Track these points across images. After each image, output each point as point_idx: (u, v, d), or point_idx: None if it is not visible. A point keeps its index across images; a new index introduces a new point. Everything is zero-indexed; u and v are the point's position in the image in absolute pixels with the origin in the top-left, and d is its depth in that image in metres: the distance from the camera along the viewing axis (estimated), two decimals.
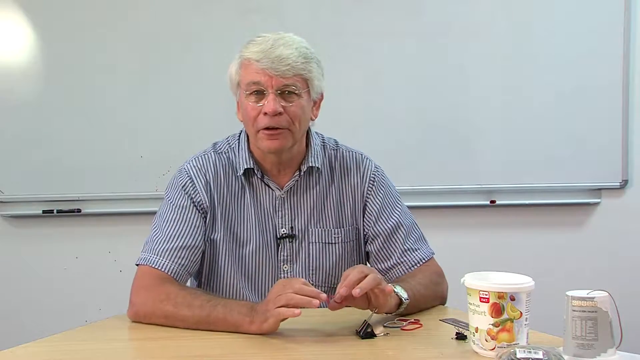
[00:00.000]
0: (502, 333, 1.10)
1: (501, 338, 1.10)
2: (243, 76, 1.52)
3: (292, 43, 1.51)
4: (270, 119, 1.49)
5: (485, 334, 1.11)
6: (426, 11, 2.81)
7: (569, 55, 2.82)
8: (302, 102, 1.52)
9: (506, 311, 1.10)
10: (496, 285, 1.12)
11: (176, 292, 1.42)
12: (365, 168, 1.65)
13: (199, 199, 1.57)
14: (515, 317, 1.10)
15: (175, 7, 2.76)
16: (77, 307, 2.71)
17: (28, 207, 2.79)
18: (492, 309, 1.11)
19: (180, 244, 1.52)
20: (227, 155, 1.62)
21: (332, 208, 1.62)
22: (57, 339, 1.32)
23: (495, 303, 1.11)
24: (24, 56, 2.78)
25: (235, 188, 1.60)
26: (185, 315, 1.37)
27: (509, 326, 1.10)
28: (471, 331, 1.15)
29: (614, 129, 2.83)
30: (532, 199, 2.87)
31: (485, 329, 1.11)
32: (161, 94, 2.75)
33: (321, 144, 1.67)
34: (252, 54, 1.49)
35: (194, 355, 1.21)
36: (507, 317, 1.10)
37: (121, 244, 2.76)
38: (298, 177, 1.60)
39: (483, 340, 1.12)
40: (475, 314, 1.13)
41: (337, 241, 1.61)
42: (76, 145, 2.76)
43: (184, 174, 1.60)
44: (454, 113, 2.82)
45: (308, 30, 2.76)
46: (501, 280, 1.16)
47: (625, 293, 1.22)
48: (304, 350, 1.17)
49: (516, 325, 1.10)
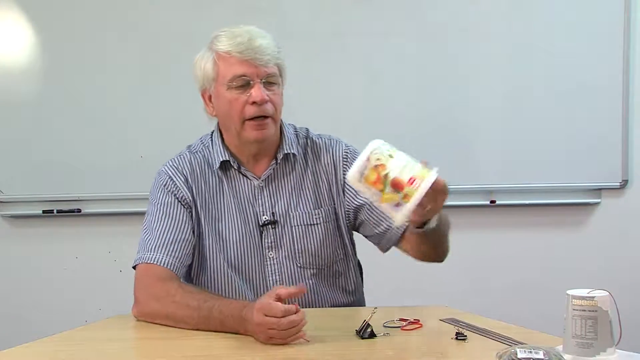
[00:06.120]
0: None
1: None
2: (223, 70, 1.54)
3: (264, 34, 1.55)
4: (258, 107, 1.52)
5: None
6: (426, 11, 2.81)
7: (569, 55, 2.82)
8: (280, 90, 1.58)
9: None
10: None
11: (175, 290, 1.44)
12: (335, 149, 1.68)
13: (182, 194, 1.60)
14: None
15: (175, 7, 2.76)
16: (77, 307, 2.71)
17: (28, 207, 2.80)
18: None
19: (171, 238, 1.54)
20: (203, 154, 1.66)
21: (309, 190, 1.65)
22: (57, 339, 1.33)
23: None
24: (24, 56, 2.78)
25: (213, 183, 1.63)
26: (184, 316, 1.38)
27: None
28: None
29: (614, 129, 2.83)
30: (532, 199, 2.87)
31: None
32: (161, 94, 2.76)
33: (294, 132, 1.70)
34: (230, 46, 1.52)
35: (194, 355, 1.21)
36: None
37: (121, 244, 2.75)
38: (275, 164, 1.63)
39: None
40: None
41: (318, 222, 1.62)
42: (76, 145, 2.76)
43: (163, 175, 1.64)
44: (454, 113, 2.82)
45: (308, 30, 2.81)
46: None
47: (625, 293, 1.22)
48: (303, 350, 1.17)
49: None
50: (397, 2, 2.80)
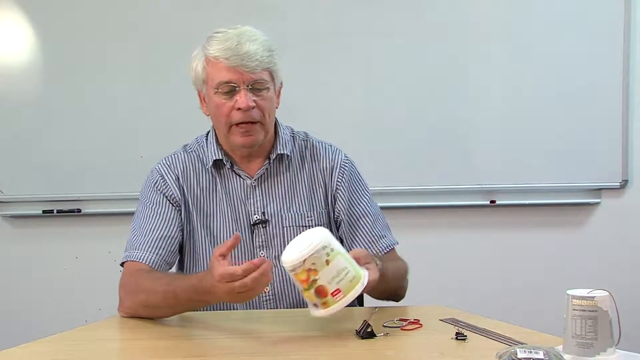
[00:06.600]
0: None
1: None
2: (211, 75, 1.55)
3: (255, 37, 1.53)
4: (244, 113, 1.52)
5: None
6: (426, 11, 2.81)
7: (569, 55, 2.82)
8: (270, 94, 1.56)
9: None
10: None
11: (143, 279, 1.47)
12: (336, 156, 1.69)
13: (171, 193, 1.62)
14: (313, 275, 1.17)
15: (175, 7, 2.76)
16: (77, 307, 2.71)
17: (28, 207, 2.80)
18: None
19: (156, 235, 1.57)
20: (197, 153, 1.67)
21: (303, 192, 1.65)
22: (57, 339, 1.32)
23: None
24: (24, 56, 2.78)
25: (206, 181, 1.64)
26: (157, 302, 1.41)
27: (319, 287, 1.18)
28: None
29: (614, 129, 2.83)
30: (532, 199, 2.87)
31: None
32: (161, 94, 2.76)
33: (290, 134, 1.70)
34: (218, 51, 1.51)
35: (194, 355, 1.21)
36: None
37: (121, 244, 2.71)
38: (268, 164, 1.64)
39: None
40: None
41: (310, 224, 1.62)
42: (76, 145, 2.76)
43: (155, 173, 1.66)
44: (454, 113, 2.82)
45: (308, 30, 2.81)
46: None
47: (625, 293, 1.22)
48: (303, 350, 1.17)
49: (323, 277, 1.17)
50: (398, 2, 2.80)
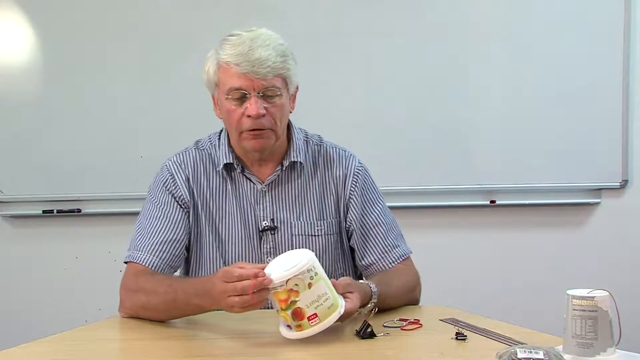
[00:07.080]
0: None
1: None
2: (222, 80, 1.52)
3: (269, 42, 1.49)
4: (254, 121, 1.50)
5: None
6: (426, 11, 2.81)
7: (569, 55, 2.82)
8: (282, 100, 1.53)
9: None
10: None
11: (145, 281, 1.46)
12: (349, 163, 1.66)
13: (180, 194, 1.60)
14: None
15: (175, 7, 2.76)
16: (77, 307, 2.71)
17: (28, 207, 2.80)
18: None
19: (162, 238, 1.55)
20: (209, 152, 1.65)
21: (314, 201, 1.63)
22: (57, 339, 1.32)
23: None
24: (24, 56, 2.78)
25: (216, 182, 1.62)
26: (157, 303, 1.40)
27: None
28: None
29: (614, 129, 2.83)
30: (532, 199, 2.87)
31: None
32: (161, 94, 2.76)
33: (304, 139, 1.67)
34: (230, 57, 1.48)
35: (194, 355, 1.21)
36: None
37: (121, 244, 2.71)
38: (280, 171, 1.62)
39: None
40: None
41: (319, 233, 1.61)
42: (76, 145, 2.76)
43: (165, 171, 1.64)
44: (454, 113, 2.82)
45: (308, 30, 2.81)
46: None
47: (625, 293, 1.22)
48: (304, 350, 1.17)
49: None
50: (398, 2, 2.80)
